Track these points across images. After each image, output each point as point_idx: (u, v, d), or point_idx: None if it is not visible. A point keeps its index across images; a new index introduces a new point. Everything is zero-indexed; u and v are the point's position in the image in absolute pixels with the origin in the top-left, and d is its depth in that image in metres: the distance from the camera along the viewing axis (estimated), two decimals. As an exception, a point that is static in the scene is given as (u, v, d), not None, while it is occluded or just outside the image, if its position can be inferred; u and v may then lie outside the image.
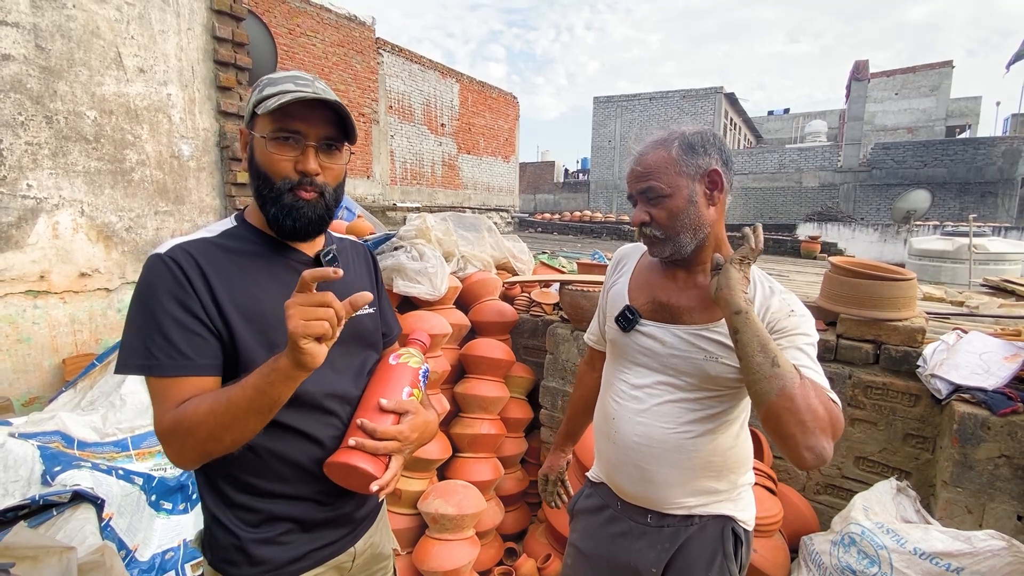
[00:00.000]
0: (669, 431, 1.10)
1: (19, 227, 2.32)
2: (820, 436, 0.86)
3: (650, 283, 1.17)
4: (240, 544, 0.88)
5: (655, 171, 1.06)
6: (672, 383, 1.11)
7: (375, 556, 1.06)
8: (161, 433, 0.79)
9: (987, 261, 6.98)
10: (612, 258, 1.34)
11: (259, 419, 0.76)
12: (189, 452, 0.78)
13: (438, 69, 13.54)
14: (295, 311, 0.69)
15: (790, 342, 0.99)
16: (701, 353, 1.07)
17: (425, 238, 2.71)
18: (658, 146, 1.07)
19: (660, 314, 1.13)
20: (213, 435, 0.75)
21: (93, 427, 2.03)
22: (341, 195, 0.97)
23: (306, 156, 0.87)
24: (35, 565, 1.23)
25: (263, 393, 0.73)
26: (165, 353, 0.79)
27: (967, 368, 1.76)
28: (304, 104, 0.85)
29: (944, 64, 23.41)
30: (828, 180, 19.84)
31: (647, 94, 23.78)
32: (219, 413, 0.74)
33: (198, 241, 0.88)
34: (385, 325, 1.10)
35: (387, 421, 0.90)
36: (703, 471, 1.11)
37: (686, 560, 1.12)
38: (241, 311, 0.85)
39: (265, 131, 0.87)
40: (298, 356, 0.70)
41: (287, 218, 0.88)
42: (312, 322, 0.69)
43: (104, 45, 2.53)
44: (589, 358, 1.46)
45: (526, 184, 26.83)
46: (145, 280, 0.82)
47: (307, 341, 0.69)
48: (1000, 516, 1.63)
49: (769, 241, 11.89)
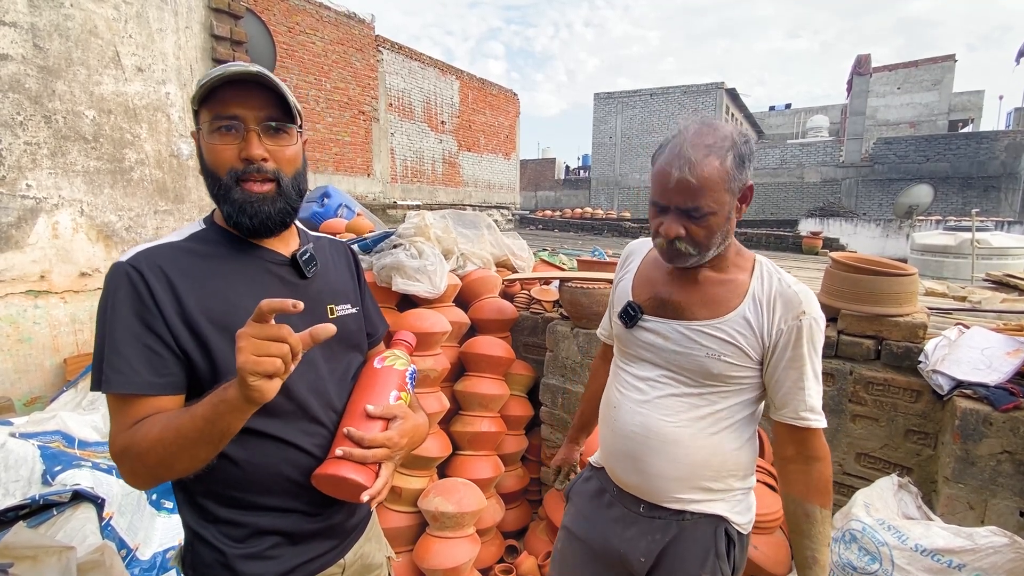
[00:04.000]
0: (668, 424, 1.09)
1: (19, 227, 2.32)
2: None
3: (653, 279, 1.16)
4: (225, 560, 0.84)
5: (709, 188, 0.97)
6: (675, 378, 1.10)
7: (366, 566, 1.03)
8: (113, 454, 0.76)
9: (990, 256, 6.95)
10: (622, 253, 1.33)
11: (209, 449, 0.72)
12: (141, 475, 0.76)
13: (438, 66, 13.51)
14: (246, 343, 0.64)
15: (798, 368, 1.03)
16: (703, 350, 1.05)
17: (424, 236, 2.71)
18: (711, 153, 0.97)
19: (663, 310, 1.12)
20: (163, 462, 0.73)
21: (94, 426, 2.04)
22: (303, 184, 0.91)
23: (248, 141, 0.82)
24: (34, 565, 1.23)
25: (212, 424, 0.69)
26: (115, 369, 0.75)
27: (969, 364, 1.75)
28: (238, 88, 0.80)
29: (946, 58, 23.29)
30: (830, 175, 19.78)
31: (648, 90, 23.68)
32: (168, 442, 0.71)
33: (164, 246, 0.84)
34: (370, 325, 1.06)
35: (375, 428, 0.87)
36: (700, 468, 1.09)
37: (677, 554, 1.11)
38: (214, 320, 0.81)
39: (204, 124, 0.82)
40: (246, 392, 0.65)
41: (241, 215, 0.83)
42: (263, 358, 0.63)
43: (102, 44, 2.53)
44: (603, 352, 1.47)
45: (527, 181, 26.78)
46: (105, 291, 0.79)
47: (255, 379, 0.64)
48: (1002, 512, 1.62)
49: (771, 237, 11.86)
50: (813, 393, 1.03)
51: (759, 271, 1.08)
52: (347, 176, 10.86)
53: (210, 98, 0.81)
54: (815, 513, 1.05)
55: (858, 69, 19.39)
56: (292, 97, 0.85)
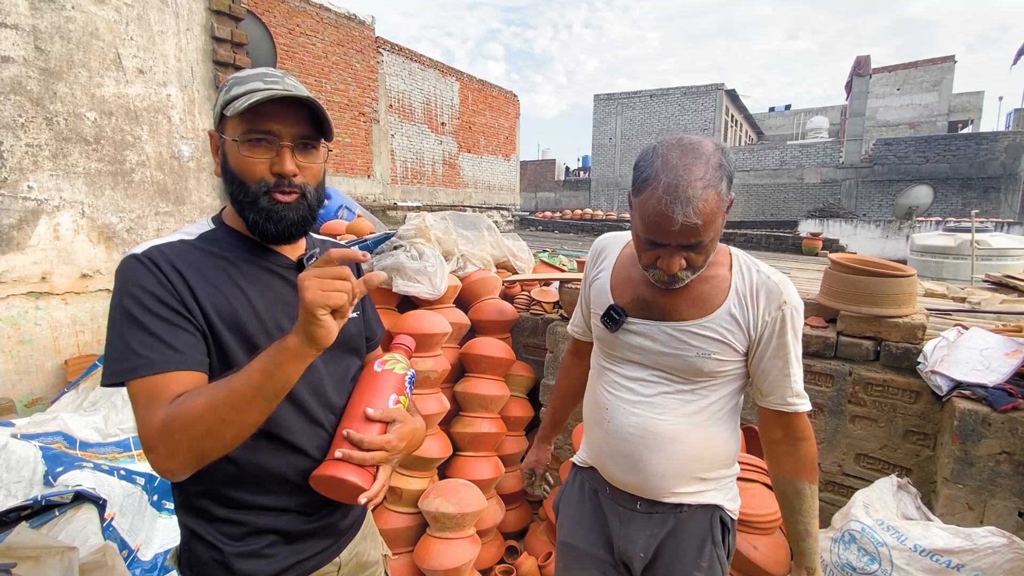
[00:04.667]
0: (664, 422, 1.09)
1: (20, 229, 2.32)
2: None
3: (632, 279, 1.14)
4: (223, 559, 0.85)
5: (711, 221, 0.93)
6: (665, 377, 1.10)
7: (360, 565, 1.04)
8: (151, 434, 0.72)
9: (989, 257, 6.96)
10: (592, 248, 1.29)
11: (264, 408, 0.72)
12: (183, 453, 0.71)
13: (438, 68, 13.53)
14: (312, 283, 0.67)
15: (783, 356, 1.06)
16: (693, 350, 1.06)
17: (424, 237, 2.72)
18: (708, 186, 0.92)
19: (647, 311, 1.10)
20: (212, 430, 0.70)
21: (95, 427, 2.04)
22: (323, 194, 0.93)
23: (282, 157, 0.84)
24: (37, 565, 1.23)
25: (271, 376, 0.70)
26: (153, 349, 0.74)
27: (968, 364, 1.76)
28: (276, 102, 0.82)
29: (946, 59, 23.33)
30: (830, 176, 19.79)
31: (648, 91, 23.72)
32: (219, 404, 0.70)
33: (176, 243, 0.84)
34: (369, 329, 1.07)
35: (374, 431, 0.88)
36: (696, 462, 1.11)
37: (676, 545, 1.13)
38: (223, 317, 0.82)
39: (236, 134, 0.83)
40: (313, 329, 0.67)
41: (267, 222, 0.85)
42: (331, 292, 0.67)
43: (103, 46, 2.54)
44: (574, 349, 1.43)
45: (527, 182, 26.81)
46: (122, 281, 0.78)
47: (324, 312, 0.67)
48: (1001, 512, 1.63)
49: (771, 238, 11.87)
50: (797, 379, 1.08)
51: (737, 265, 1.09)
52: (347, 177, 10.88)
53: (246, 109, 0.81)
54: (805, 489, 1.11)
55: (858, 70, 19.41)
56: (326, 115, 0.87)
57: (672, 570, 1.12)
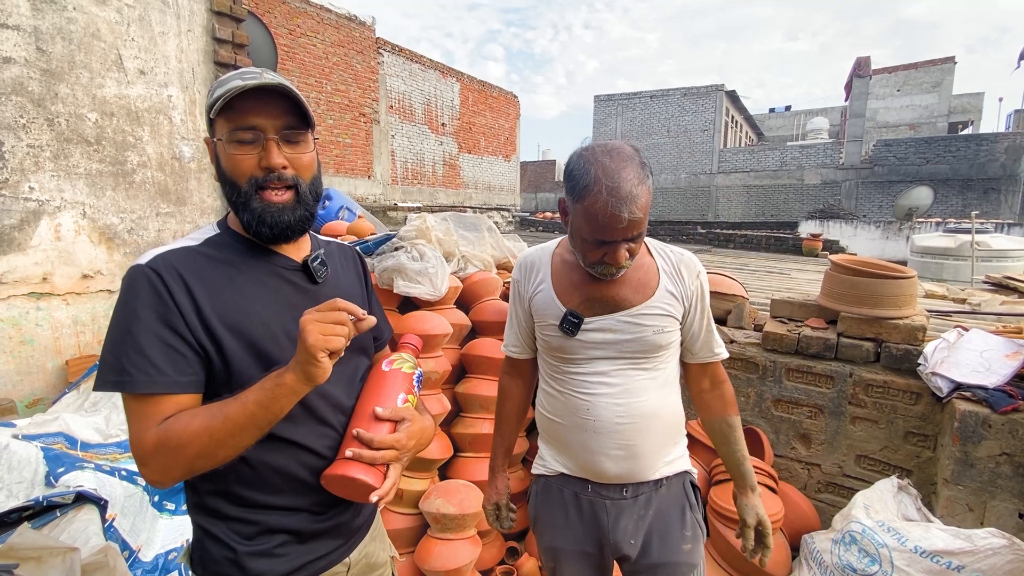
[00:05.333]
0: (646, 402, 1.18)
1: (21, 229, 2.33)
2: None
3: (576, 283, 1.21)
4: (235, 557, 0.86)
5: (646, 214, 1.06)
6: (631, 362, 1.18)
7: (370, 565, 1.05)
8: (144, 451, 0.75)
9: (990, 258, 6.96)
10: (518, 266, 1.33)
11: (256, 434, 0.76)
12: (175, 469, 0.76)
13: (438, 68, 13.54)
14: (313, 327, 0.72)
15: (707, 315, 1.24)
16: (648, 329, 1.16)
17: (425, 238, 2.72)
18: (641, 182, 1.04)
19: (600, 308, 1.18)
20: (204, 452, 0.74)
21: (96, 428, 2.05)
22: (319, 188, 0.93)
23: (268, 151, 0.84)
24: (39, 566, 1.23)
25: (266, 409, 0.74)
26: (140, 369, 0.76)
27: (968, 366, 1.76)
28: (256, 97, 0.82)
29: (946, 60, 23.33)
30: (830, 177, 19.79)
31: (648, 92, 23.72)
32: (215, 429, 0.73)
33: (180, 250, 0.85)
34: (376, 329, 1.06)
35: (383, 430, 0.89)
36: (672, 428, 1.24)
37: (662, 524, 1.21)
38: (228, 324, 0.83)
39: (223, 134, 0.84)
40: (311, 370, 0.72)
41: (261, 225, 0.85)
42: (331, 337, 0.72)
43: (105, 47, 2.54)
44: (511, 368, 1.41)
45: (527, 183, 26.80)
46: (124, 294, 0.80)
47: (324, 355, 0.71)
48: (1001, 514, 1.63)
49: (771, 239, 11.87)
50: (716, 331, 1.27)
51: (654, 250, 1.24)
52: (348, 178, 10.88)
53: (227, 108, 0.82)
54: (735, 422, 1.30)
55: (858, 71, 19.42)
56: (305, 103, 0.87)
57: (664, 549, 1.20)
